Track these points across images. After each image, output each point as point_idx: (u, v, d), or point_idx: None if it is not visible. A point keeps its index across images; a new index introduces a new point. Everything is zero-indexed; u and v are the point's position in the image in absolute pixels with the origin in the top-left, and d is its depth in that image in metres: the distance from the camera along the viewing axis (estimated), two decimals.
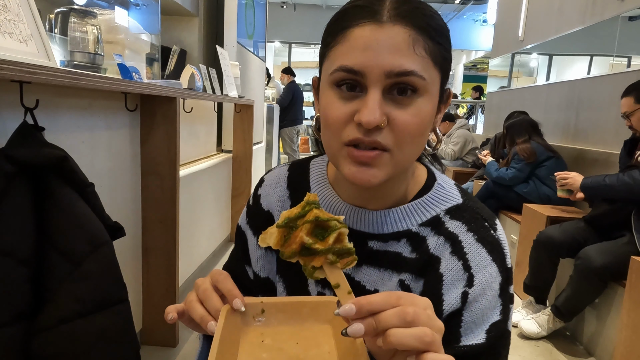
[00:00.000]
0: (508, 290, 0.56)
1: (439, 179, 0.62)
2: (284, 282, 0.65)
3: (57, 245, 0.94)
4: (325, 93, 0.52)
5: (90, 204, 1.03)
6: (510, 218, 2.99)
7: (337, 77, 0.50)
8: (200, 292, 0.49)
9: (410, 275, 0.57)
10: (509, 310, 0.56)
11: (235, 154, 3.11)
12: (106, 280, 1.02)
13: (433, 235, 0.58)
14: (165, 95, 1.59)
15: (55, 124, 1.18)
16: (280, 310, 0.48)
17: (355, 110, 0.49)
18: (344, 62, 0.49)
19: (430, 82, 0.50)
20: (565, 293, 1.98)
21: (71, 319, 0.95)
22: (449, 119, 4.78)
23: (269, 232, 0.44)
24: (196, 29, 3.07)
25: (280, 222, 0.44)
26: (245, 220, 0.70)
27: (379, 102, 0.48)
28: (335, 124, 0.50)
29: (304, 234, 0.42)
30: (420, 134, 0.51)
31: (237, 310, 0.47)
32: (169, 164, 1.70)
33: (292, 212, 0.44)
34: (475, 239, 0.56)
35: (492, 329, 0.54)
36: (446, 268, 0.56)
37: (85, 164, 1.33)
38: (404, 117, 0.49)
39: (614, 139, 2.69)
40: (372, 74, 0.47)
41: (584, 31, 3.19)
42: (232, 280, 0.50)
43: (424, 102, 0.50)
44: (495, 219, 0.60)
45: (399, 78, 0.48)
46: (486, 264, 0.55)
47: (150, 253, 1.75)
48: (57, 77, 0.98)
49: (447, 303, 0.54)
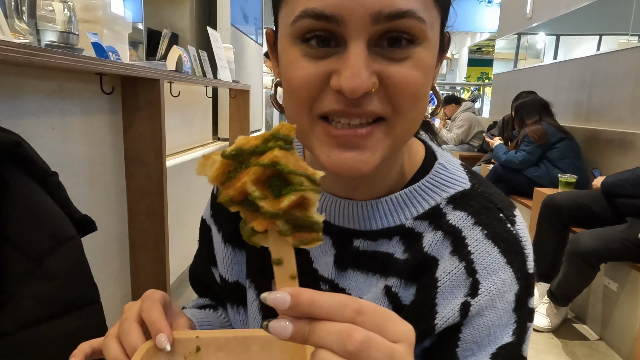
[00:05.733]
0: (527, 303, 0.43)
1: (441, 158, 0.49)
2: (255, 287, 0.52)
3: (13, 241, 0.83)
4: (287, 50, 0.38)
5: (53, 195, 0.92)
6: (520, 203, 2.86)
7: (302, 26, 0.36)
8: (120, 325, 0.38)
9: (398, 280, 0.45)
10: (526, 331, 0.43)
11: (232, 141, 3.00)
12: (73, 280, 0.91)
13: (431, 231, 0.45)
14: (147, 77, 1.47)
15: (16, 107, 1.07)
16: (220, 348, 0.36)
17: (330, 71, 0.36)
18: (311, 4, 0.35)
19: (430, 25, 0.37)
20: (559, 277, 1.92)
21: (33, 323, 0.84)
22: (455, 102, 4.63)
23: (211, 159, 0.30)
24: (187, 11, 2.94)
25: (229, 150, 0.30)
26: (209, 212, 0.58)
27: (365, 59, 0.35)
28: (303, 91, 0.37)
29: (249, 180, 0.29)
30: (425, 93, 0.39)
31: (162, 349, 0.35)
32: (154, 151, 1.59)
33: (249, 141, 0.30)
34: (484, 235, 0.43)
35: (500, 353, 0.41)
36: (443, 271, 0.43)
37: (58, 151, 1.22)
38: (404, 73, 0.36)
39: (632, 118, 2.53)
40: (353, 20, 0.34)
41: (595, 6, 3.00)
42: (160, 307, 0.38)
43: (424, 52, 0.38)
44: (514, 209, 0.46)
45: (390, 23, 0.35)
46: (498, 267, 0.42)
47: (138, 247, 1.65)
48: (9, 52, 0.86)
49: (442, 316, 0.42)
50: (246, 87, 2.89)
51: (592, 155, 2.77)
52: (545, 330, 1.98)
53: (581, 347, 1.89)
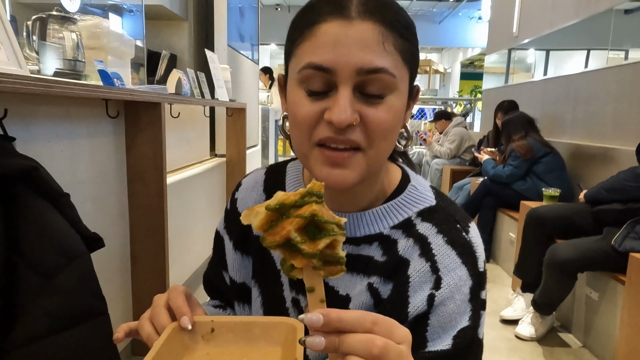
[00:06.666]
0: (480, 295, 0.54)
1: (413, 180, 0.61)
2: (259, 287, 0.64)
3: (27, 258, 0.91)
4: (294, 91, 0.50)
5: (65, 214, 1.00)
6: (508, 216, 2.95)
7: (306, 74, 0.48)
8: (152, 309, 0.48)
9: (379, 278, 0.56)
10: (479, 317, 0.53)
11: (229, 158, 3.08)
12: (82, 294, 0.99)
13: (404, 238, 0.56)
14: (149, 100, 1.56)
15: (30, 133, 1.15)
16: (230, 330, 0.46)
17: (325, 108, 0.48)
18: (313, 59, 0.47)
19: (400, 79, 0.49)
20: (541, 286, 2.00)
21: (44, 335, 0.91)
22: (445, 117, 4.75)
23: (255, 211, 0.37)
24: (186, 33, 3.04)
25: (272, 204, 0.37)
26: (222, 224, 0.70)
27: (350, 100, 0.47)
28: (305, 123, 0.49)
29: (292, 228, 0.36)
30: (393, 131, 0.51)
31: (184, 328, 0.45)
32: (155, 171, 1.67)
33: (288, 197, 0.37)
34: (444, 241, 0.54)
35: (459, 335, 0.51)
36: (414, 270, 0.54)
37: (66, 173, 1.30)
38: (377, 115, 0.48)
39: (612, 133, 2.65)
40: (343, 71, 0.46)
41: (578, 25, 3.15)
42: (184, 297, 0.48)
43: (394, 99, 0.49)
44: (470, 222, 0.57)
45: (369, 75, 0.46)
46: (455, 266, 0.53)
47: (139, 263, 1.72)
48: (27, 86, 0.95)
49: (413, 306, 0.52)
50: (242, 105, 2.99)
51: (576, 169, 2.88)
52: (530, 339, 2.05)
53: (566, 354, 1.96)
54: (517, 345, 2.03)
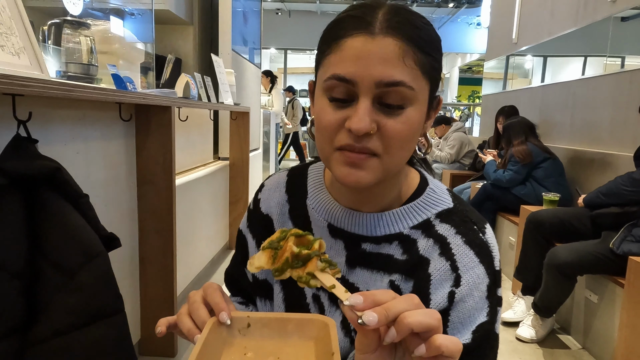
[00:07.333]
0: (496, 292, 0.57)
1: (431, 184, 0.64)
2: (280, 283, 0.67)
3: (50, 257, 0.94)
4: (319, 99, 0.54)
5: (84, 215, 1.02)
6: (508, 220, 2.99)
7: (330, 84, 0.51)
8: (190, 305, 0.51)
9: (400, 276, 0.59)
10: (496, 313, 0.57)
11: (232, 161, 3.12)
12: (101, 291, 1.01)
13: (423, 238, 0.59)
14: (160, 104, 1.59)
15: (49, 135, 1.18)
16: (265, 325, 0.48)
17: (346, 117, 0.51)
18: (337, 70, 0.50)
19: (419, 92, 0.52)
20: (541, 289, 2.03)
21: (65, 331, 0.94)
22: (445, 122, 4.79)
23: (255, 257, 0.47)
24: (191, 37, 3.08)
25: (265, 244, 0.47)
26: (246, 224, 0.73)
27: (369, 110, 0.50)
28: (328, 129, 0.52)
29: (292, 244, 0.45)
30: (409, 141, 0.53)
31: (223, 323, 0.47)
32: (164, 173, 1.70)
33: (272, 237, 0.48)
34: (463, 241, 0.57)
35: (478, 329, 0.54)
36: (434, 268, 0.57)
37: (81, 174, 1.33)
38: (393, 125, 0.51)
39: (610, 139, 2.69)
40: (363, 84, 0.49)
41: (576, 33, 3.21)
42: (220, 294, 0.50)
43: (412, 111, 0.52)
44: (485, 223, 0.61)
45: (388, 88, 0.49)
46: (473, 265, 0.56)
47: (147, 263, 1.74)
48: (50, 89, 0.98)
49: (435, 302, 0.55)
50: (246, 109, 3.02)
51: (575, 173, 2.92)
52: (530, 341, 2.08)
53: (565, 356, 2.00)
54: (517, 347, 2.06)
